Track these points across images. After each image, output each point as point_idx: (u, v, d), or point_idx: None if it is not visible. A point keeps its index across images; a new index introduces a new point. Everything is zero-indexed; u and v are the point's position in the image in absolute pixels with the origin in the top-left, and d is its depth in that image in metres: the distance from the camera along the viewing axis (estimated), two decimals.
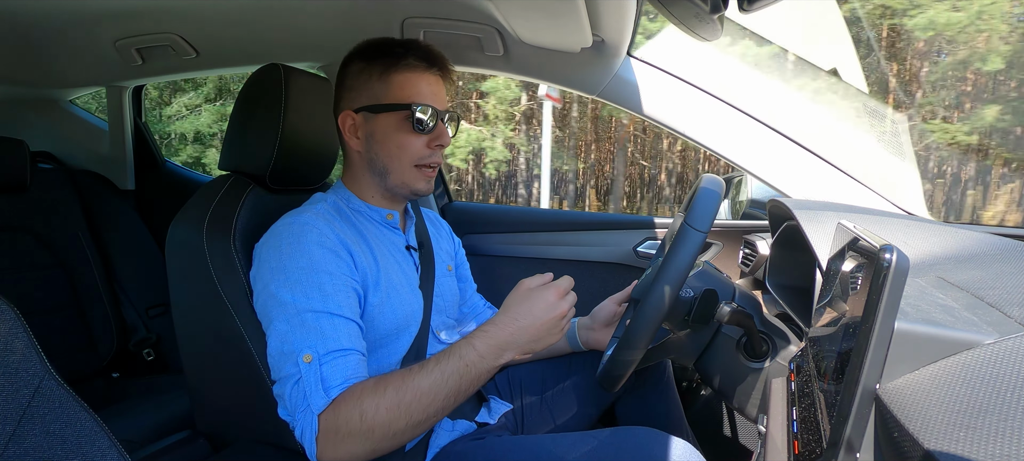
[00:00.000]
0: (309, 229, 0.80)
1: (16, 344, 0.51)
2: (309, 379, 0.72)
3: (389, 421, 0.70)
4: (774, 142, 1.26)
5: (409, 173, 0.89)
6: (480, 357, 0.74)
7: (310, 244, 0.79)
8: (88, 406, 0.54)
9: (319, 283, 0.76)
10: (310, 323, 0.74)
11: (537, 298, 0.77)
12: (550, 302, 0.77)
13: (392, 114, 0.87)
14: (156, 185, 1.97)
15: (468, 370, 0.73)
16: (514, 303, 0.78)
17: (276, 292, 0.77)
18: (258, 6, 1.25)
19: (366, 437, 0.70)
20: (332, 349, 0.74)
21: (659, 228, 1.51)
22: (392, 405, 0.70)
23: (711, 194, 0.78)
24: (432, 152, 0.89)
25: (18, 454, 0.49)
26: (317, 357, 0.73)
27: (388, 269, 0.88)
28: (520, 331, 0.75)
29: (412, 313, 0.90)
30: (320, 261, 0.78)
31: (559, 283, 0.80)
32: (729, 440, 1.32)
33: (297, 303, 0.75)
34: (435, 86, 0.90)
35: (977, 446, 0.36)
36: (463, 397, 0.74)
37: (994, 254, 0.72)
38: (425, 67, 0.89)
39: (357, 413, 0.70)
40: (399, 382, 0.72)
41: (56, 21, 1.34)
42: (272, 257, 0.80)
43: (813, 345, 0.68)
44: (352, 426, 0.70)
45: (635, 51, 1.32)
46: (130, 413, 1.33)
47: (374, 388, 0.71)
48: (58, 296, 1.53)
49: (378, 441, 0.70)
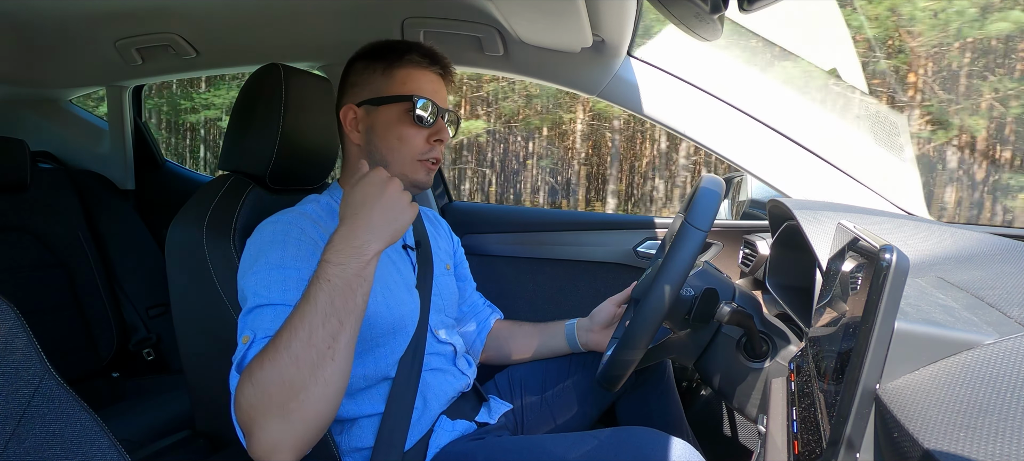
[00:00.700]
0: (291, 227, 0.80)
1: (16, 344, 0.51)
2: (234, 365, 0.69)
3: (278, 372, 0.62)
4: (774, 142, 1.26)
5: (409, 165, 0.89)
6: (339, 266, 0.67)
7: (288, 242, 0.78)
8: (88, 406, 0.54)
9: (282, 278, 0.74)
10: (265, 314, 0.71)
11: (364, 186, 0.72)
12: (378, 181, 0.72)
13: (393, 106, 0.88)
14: (156, 185, 1.97)
15: (334, 283, 0.66)
16: (347, 203, 0.72)
17: (243, 287, 0.76)
18: (258, 6, 1.25)
19: (266, 403, 0.62)
20: (269, 333, 0.69)
21: (659, 228, 1.51)
22: (272, 355, 0.63)
23: (711, 194, 0.78)
24: (431, 147, 0.90)
25: (18, 454, 0.49)
26: (254, 339, 0.69)
27: (383, 268, 0.88)
28: (364, 221, 0.70)
29: (408, 312, 0.90)
30: (290, 259, 0.76)
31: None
32: (729, 440, 1.32)
33: (255, 295, 0.73)
34: (436, 84, 0.92)
35: (977, 446, 0.36)
36: (346, 314, 0.66)
37: (994, 254, 0.72)
38: (428, 64, 0.91)
39: (248, 384, 0.63)
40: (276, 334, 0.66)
41: (56, 21, 1.34)
42: (248, 254, 0.79)
43: (813, 345, 0.68)
44: (250, 398, 0.63)
45: (635, 51, 1.32)
46: (130, 413, 1.34)
47: (259, 353, 0.65)
48: (58, 296, 1.53)
49: (282, 404, 0.62)
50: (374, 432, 0.85)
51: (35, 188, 1.56)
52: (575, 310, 1.19)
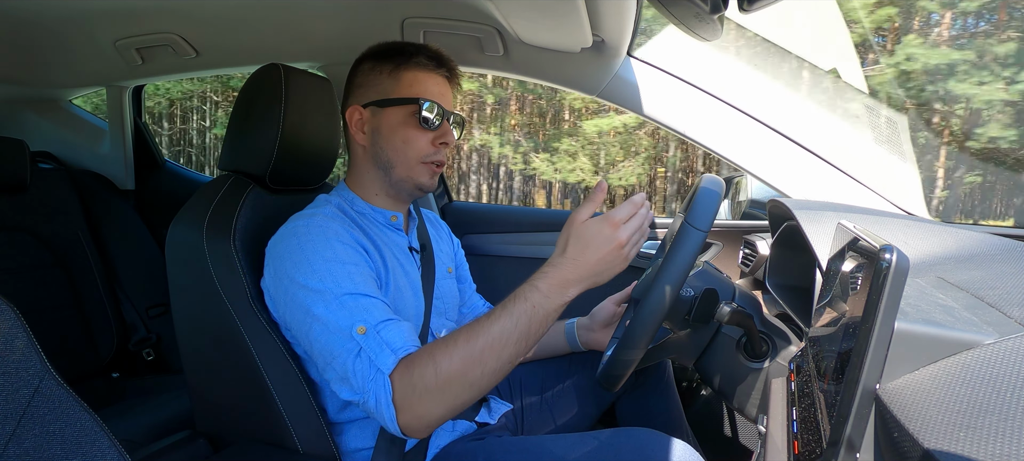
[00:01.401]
0: (325, 227, 0.80)
1: (16, 344, 0.51)
2: (371, 346, 0.71)
3: (464, 370, 0.68)
4: (774, 142, 1.26)
5: (414, 168, 0.90)
6: (545, 297, 0.71)
7: (330, 238, 0.79)
8: (88, 406, 0.54)
9: (347, 272, 0.77)
10: (350, 304, 0.74)
11: (592, 234, 0.72)
12: (606, 235, 0.71)
13: (399, 109, 0.88)
14: (156, 185, 1.97)
15: (535, 311, 0.71)
16: (570, 240, 0.73)
17: (306, 282, 0.76)
18: (258, 6, 1.25)
19: (442, 391, 0.68)
20: (383, 318, 0.73)
21: (659, 228, 1.51)
22: (465, 355, 0.69)
23: (711, 194, 0.78)
24: (436, 150, 0.90)
25: (18, 454, 0.49)
26: (371, 327, 0.72)
27: (395, 271, 0.88)
28: (579, 267, 0.72)
29: (413, 315, 0.90)
30: (342, 253, 0.78)
31: (614, 213, 0.73)
32: (729, 440, 1.32)
33: (331, 289, 0.75)
34: (442, 87, 0.91)
35: (977, 446, 0.36)
36: (534, 339, 0.72)
37: (994, 254, 0.72)
38: (434, 67, 0.90)
39: (431, 367, 0.69)
40: (469, 332, 0.70)
41: (56, 21, 1.34)
42: (293, 253, 0.79)
43: (813, 345, 0.68)
44: (428, 381, 0.68)
45: (635, 51, 1.32)
46: (130, 413, 1.33)
47: (445, 342, 0.71)
48: (58, 296, 1.53)
49: (455, 395, 0.69)
50: (374, 433, 0.85)
51: (35, 188, 1.56)
52: (575, 310, 1.18)
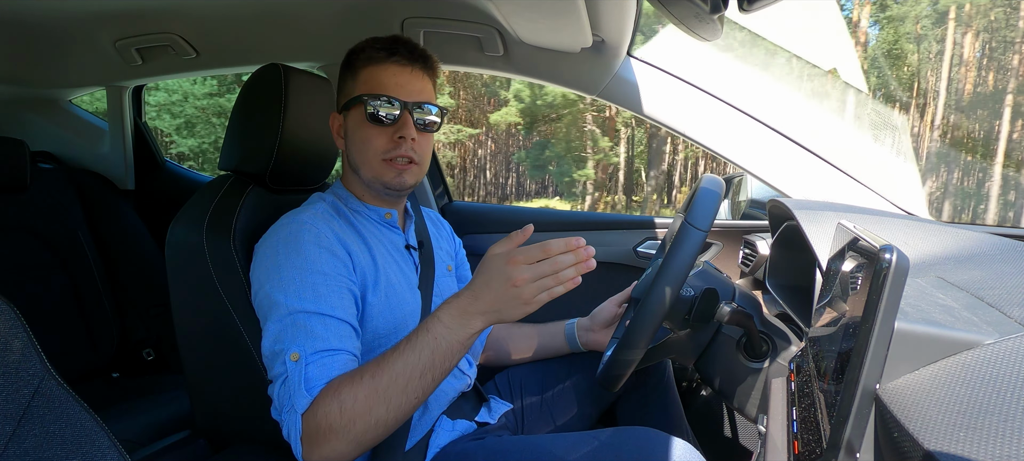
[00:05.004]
0: (306, 229, 0.80)
1: (16, 344, 0.51)
2: (294, 379, 0.71)
3: (368, 409, 0.68)
4: (774, 142, 1.26)
5: (377, 167, 0.87)
6: (447, 328, 0.70)
7: (306, 244, 0.79)
8: (88, 406, 0.54)
9: (313, 284, 0.76)
10: (301, 323, 0.74)
11: (492, 269, 0.69)
12: (504, 274, 0.68)
13: (355, 109, 0.88)
14: (156, 185, 1.97)
15: (438, 343, 0.70)
16: (478, 272, 0.71)
17: (270, 292, 0.77)
18: (258, 6, 1.25)
19: (347, 430, 0.68)
20: (320, 349, 0.73)
21: (659, 228, 1.51)
22: (369, 392, 0.68)
23: (711, 194, 0.78)
24: (396, 145, 0.85)
25: (18, 454, 0.49)
26: (304, 356, 0.72)
27: (387, 269, 0.88)
28: (480, 301, 0.69)
29: (410, 313, 0.90)
30: (315, 261, 0.78)
31: (520, 251, 0.69)
32: (729, 440, 1.32)
33: (289, 304, 0.75)
34: (400, 76, 0.86)
35: (977, 446, 0.36)
36: (440, 372, 0.71)
37: (994, 254, 0.72)
38: (386, 57, 0.86)
39: (336, 407, 0.68)
40: (374, 368, 0.70)
41: (56, 21, 1.34)
42: (268, 257, 0.80)
43: (813, 345, 0.68)
44: (332, 420, 0.68)
45: (635, 51, 1.32)
46: (130, 413, 1.33)
47: (351, 379, 0.70)
48: (58, 296, 1.53)
49: (361, 433, 0.69)
50: None
51: (35, 188, 1.56)
52: (575, 310, 1.18)
